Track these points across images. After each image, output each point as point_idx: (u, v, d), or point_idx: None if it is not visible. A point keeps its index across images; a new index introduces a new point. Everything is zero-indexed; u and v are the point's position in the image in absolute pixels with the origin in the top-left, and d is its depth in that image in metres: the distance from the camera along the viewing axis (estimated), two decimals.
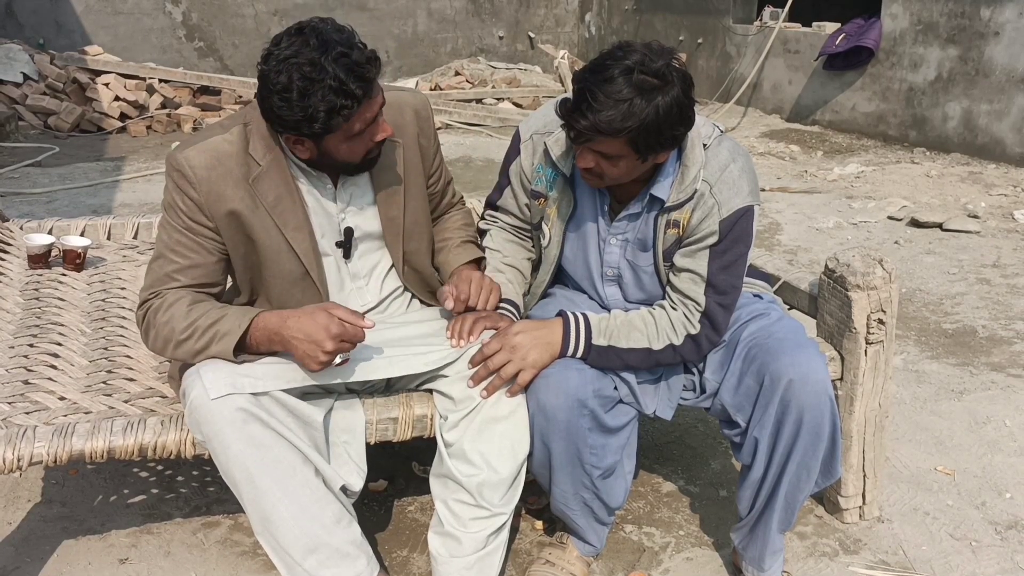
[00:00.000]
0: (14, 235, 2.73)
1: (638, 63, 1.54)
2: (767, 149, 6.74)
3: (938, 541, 2.09)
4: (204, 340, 1.60)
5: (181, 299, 1.65)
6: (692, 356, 1.78)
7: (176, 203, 1.66)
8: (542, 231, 1.91)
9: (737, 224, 1.71)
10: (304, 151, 1.64)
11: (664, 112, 1.56)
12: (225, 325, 1.60)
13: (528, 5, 10.53)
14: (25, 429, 1.65)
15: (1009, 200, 5.17)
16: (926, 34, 6.47)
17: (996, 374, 3.00)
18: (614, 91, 1.53)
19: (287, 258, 1.72)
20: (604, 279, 1.90)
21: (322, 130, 1.56)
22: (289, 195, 1.70)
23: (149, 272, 1.71)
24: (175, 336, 1.62)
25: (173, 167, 1.65)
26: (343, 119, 1.55)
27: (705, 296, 1.74)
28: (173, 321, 1.62)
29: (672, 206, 1.73)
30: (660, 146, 1.61)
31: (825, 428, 1.71)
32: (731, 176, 1.71)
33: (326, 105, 1.51)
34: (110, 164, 6.14)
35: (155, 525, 2.13)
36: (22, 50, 7.48)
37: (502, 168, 1.97)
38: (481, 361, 1.73)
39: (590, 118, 1.55)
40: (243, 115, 1.70)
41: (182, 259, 1.68)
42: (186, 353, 1.62)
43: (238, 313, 1.63)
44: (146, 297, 1.69)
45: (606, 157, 1.62)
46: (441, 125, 7.51)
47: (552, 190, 1.85)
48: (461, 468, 1.71)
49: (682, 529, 2.15)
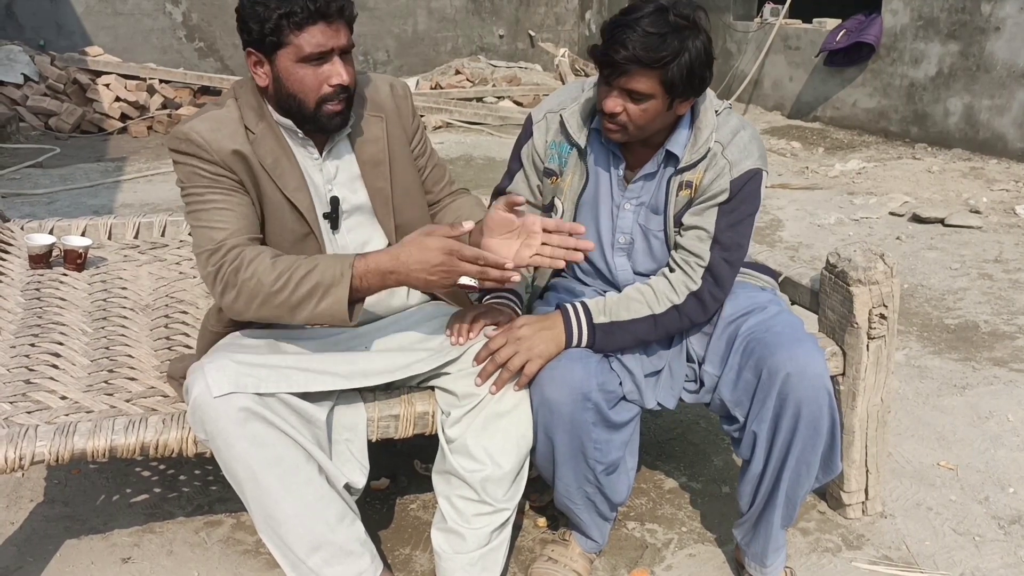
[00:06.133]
0: (15, 235, 2.73)
1: (671, 4, 1.62)
2: (768, 146, 6.73)
3: (941, 536, 2.09)
4: (302, 291, 1.54)
5: (262, 253, 1.60)
6: (698, 315, 1.79)
7: (195, 169, 1.65)
8: (555, 207, 1.92)
9: (747, 185, 1.76)
10: (262, 77, 1.67)
11: (695, 53, 1.63)
12: (325, 275, 1.54)
13: (528, 4, 10.53)
14: (27, 428, 1.65)
15: (1011, 195, 5.16)
16: (927, 29, 6.47)
17: (998, 369, 3.00)
18: (651, 24, 1.61)
19: (289, 217, 1.73)
20: (615, 248, 1.91)
21: (274, 39, 1.60)
22: (286, 157, 1.72)
23: (198, 237, 1.65)
24: (263, 289, 1.55)
25: (180, 139, 1.66)
26: (293, 27, 1.59)
27: (711, 251, 1.77)
28: (260, 274, 1.56)
29: (685, 166, 1.78)
30: (689, 89, 1.67)
31: (824, 422, 1.71)
32: (742, 140, 1.77)
33: (280, 7, 1.58)
34: (111, 165, 6.15)
35: (157, 524, 2.13)
36: (23, 51, 7.48)
37: (512, 155, 1.99)
38: (487, 356, 1.73)
39: (630, 48, 1.60)
40: (232, 91, 1.75)
41: (226, 220, 1.64)
42: (280, 307, 1.56)
43: (332, 261, 1.57)
44: (214, 255, 1.61)
45: (635, 99, 1.66)
46: (441, 124, 7.51)
47: (566, 165, 1.88)
48: (464, 464, 1.71)
49: (684, 526, 2.14)
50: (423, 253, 1.53)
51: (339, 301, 1.53)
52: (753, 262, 2.14)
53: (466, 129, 7.49)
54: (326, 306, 1.54)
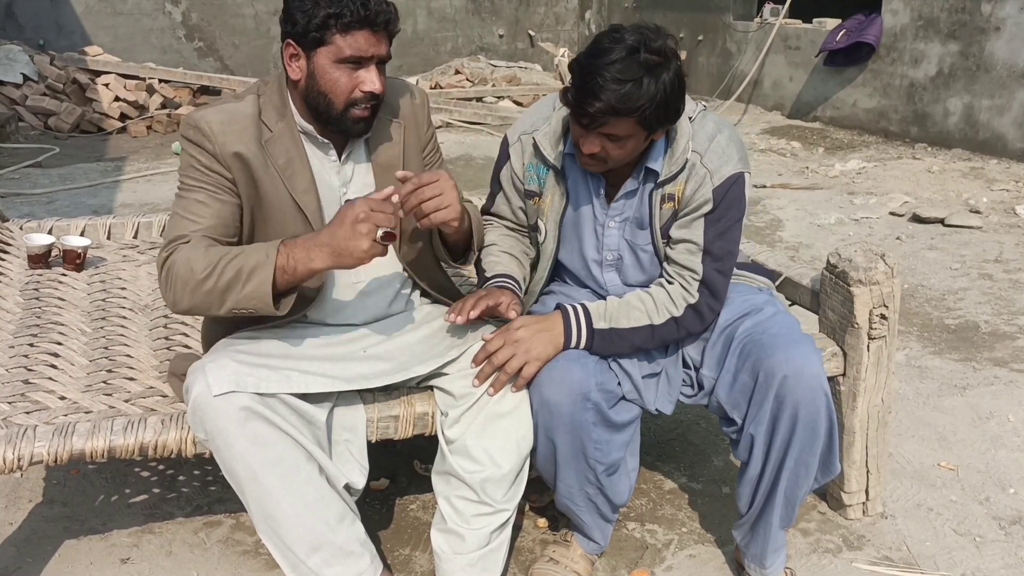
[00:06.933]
0: (14, 235, 2.73)
1: (640, 43, 1.58)
2: (768, 146, 6.73)
3: (942, 537, 2.09)
4: (228, 276, 1.53)
5: (199, 243, 1.61)
6: (695, 327, 1.79)
7: (194, 159, 1.66)
8: (539, 228, 1.91)
9: (730, 191, 1.74)
10: (296, 71, 1.66)
11: (669, 87, 1.60)
12: (250, 259, 1.54)
13: (528, 3, 10.53)
14: (25, 429, 1.65)
15: (1011, 195, 5.16)
16: (927, 29, 6.46)
17: (999, 369, 2.99)
18: (623, 71, 1.56)
19: (293, 219, 1.72)
20: (603, 265, 1.90)
21: (316, 35, 1.60)
22: (299, 159, 1.72)
23: (169, 225, 1.68)
24: (194, 276, 1.55)
25: (189, 125, 1.66)
26: (339, 29, 1.59)
27: (703, 264, 1.76)
28: (192, 262, 1.57)
29: (665, 179, 1.76)
30: (666, 120, 1.66)
31: (821, 423, 1.71)
32: (719, 145, 1.75)
33: (329, 6, 1.58)
34: (110, 164, 6.14)
35: (157, 524, 2.12)
36: (22, 51, 7.48)
37: (492, 176, 1.98)
38: (485, 358, 1.73)
39: (604, 100, 1.57)
40: (256, 87, 1.75)
41: (204, 206, 1.65)
42: (209, 293, 1.55)
43: (259, 246, 1.58)
44: (167, 246, 1.63)
45: (613, 140, 1.65)
46: (441, 124, 7.51)
47: (545, 186, 1.87)
48: (464, 464, 1.71)
49: (685, 526, 2.14)
50: (339, 217, 1.54)
51: (263, 283, 1.53)
52: (748, 263, 2.14)
53: (466, 129, 7.49)
54: (251, 289, 1.53)
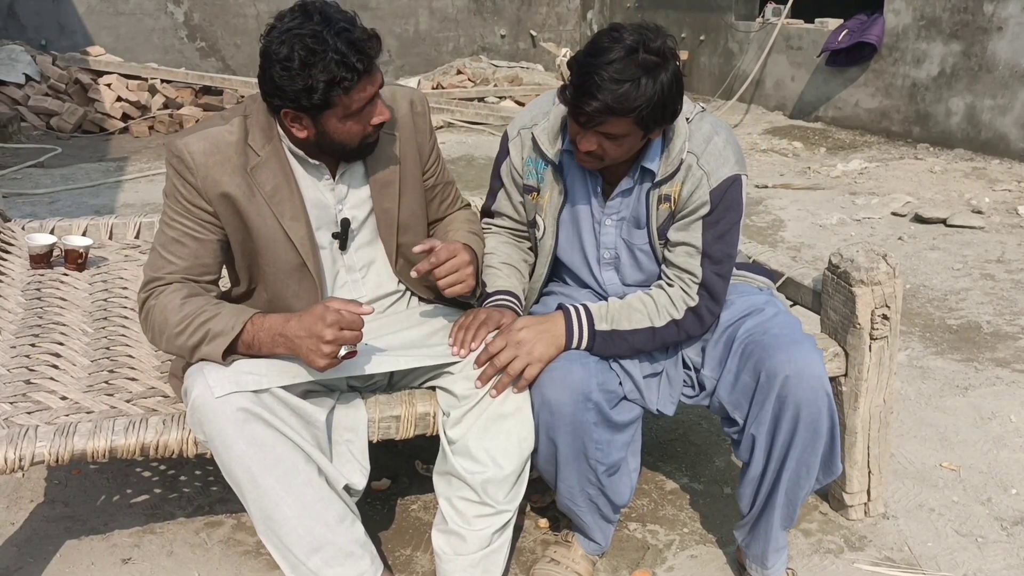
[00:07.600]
0: (16, 235, 2.73)
1: (639, 43, 1.57)
2: (770, 146, 6.73)
3: (944, 537, 2.08)
4: (197, 337, 1.59)
5: (177, 291, 1.65)
6: (695, 329, 1.79)
7: (176, 188, 1.67)
8: (537, 224, 1.91)
9: (727, 193, 1.74)
10: (302, 130, 1.64)
11: (667, 87, 1.60)
12: (218, 324, 1.59)
13: (530, 3, 10.53)
14: (27, 429, 1.65)
15: (1013, 195, 5.16)
16: (929, 29, 6.46)
17: (1001, 369, 2.99)
18: (621, 71, 1.56)
19: (283, 248, 1.72)
20: (601, 263, 1.90)
21: (321, 103, 1.57)
22: (287, 185, 1.70)
23: (150, 258, 1.70)
24: (168, 329, 1.61)
25: (172, 153, 1.66)
26: (342, 91, 1.56)
27: (702, 267, 1.76)
28: (167, 313, 1.62)
29: (662, 179, 1.76)
30: (663, 120, 1.65)
31: (823, 424, 1.70)
32: (716, 147, 1.74)
33: (326, 76, 1.53)
34: (112, 164, 6.15)
35: (158, 525, 2.12)
36: (24, 51, 7.49)
37: (492, 173, 1.98)
38: (487, 360, 1.73)
39: (601, 99, 1.57)
40: (243, 108, 1.72)
41: (182, 245, 1.67)
42: (180, 348, 1.62)
43: (232, 312, 1.62)
44: (147, 286, 1.68)
45: (610, 138, 1.64)
46: (443, 124, 7.51)
47: (543, 181, 1.87)
48: (465, 465, 1.70)
49: (686, 527, 2.14)
50: (311, 319, 1.56)
51: (218, 348, 1.57)
52: (748, 263, 2.13)
53: (467, 129, 7.49)
54: (208, 350, 1.58)
